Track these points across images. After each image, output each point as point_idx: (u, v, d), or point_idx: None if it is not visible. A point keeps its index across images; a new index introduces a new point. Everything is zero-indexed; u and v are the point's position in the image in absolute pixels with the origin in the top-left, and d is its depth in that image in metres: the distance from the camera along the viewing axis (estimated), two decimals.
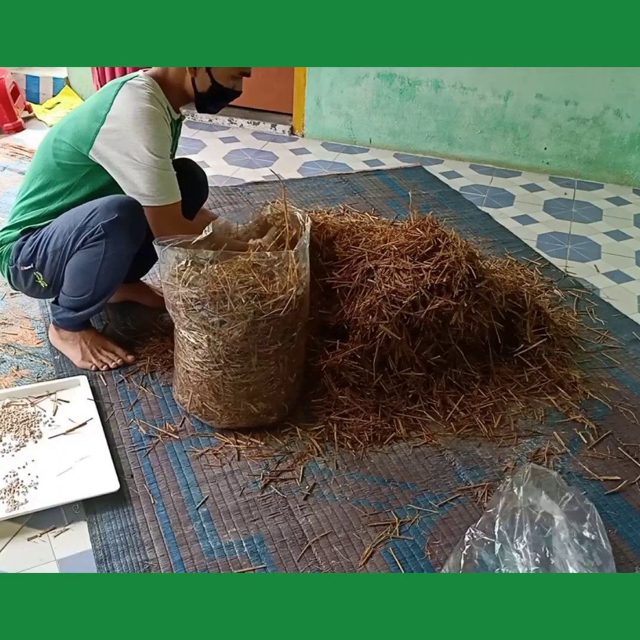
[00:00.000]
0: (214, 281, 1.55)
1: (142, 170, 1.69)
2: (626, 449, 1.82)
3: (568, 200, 3.36)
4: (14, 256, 1.85)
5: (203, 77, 1.79)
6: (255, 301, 1.57)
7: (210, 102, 1.87)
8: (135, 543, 1.48)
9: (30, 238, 1.82)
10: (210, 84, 1.80)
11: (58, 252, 1.77)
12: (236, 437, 1.76)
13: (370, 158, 3.69)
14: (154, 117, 1.71)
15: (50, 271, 1.82)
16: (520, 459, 1.76)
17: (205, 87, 1.81)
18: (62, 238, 1.75)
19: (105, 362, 1.94)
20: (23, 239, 1.83)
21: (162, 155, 1.71)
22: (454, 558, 1.38)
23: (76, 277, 1.79)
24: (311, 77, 3.77)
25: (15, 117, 3.58)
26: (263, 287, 1.58)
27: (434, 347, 1.93)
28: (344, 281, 2.00)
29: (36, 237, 1.81)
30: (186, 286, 1.58)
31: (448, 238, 2.00)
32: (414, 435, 1.81)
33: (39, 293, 1.93)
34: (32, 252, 1.81)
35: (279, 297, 1.58)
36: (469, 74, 3.54)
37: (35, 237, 1.81)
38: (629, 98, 3.35)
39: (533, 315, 2.11)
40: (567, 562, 1.33)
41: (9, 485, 1.57)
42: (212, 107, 1.90)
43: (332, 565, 1.47)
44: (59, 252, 1.77)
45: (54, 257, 1.78)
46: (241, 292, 1.56)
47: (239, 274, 1.58)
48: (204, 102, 1.87)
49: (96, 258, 1.74)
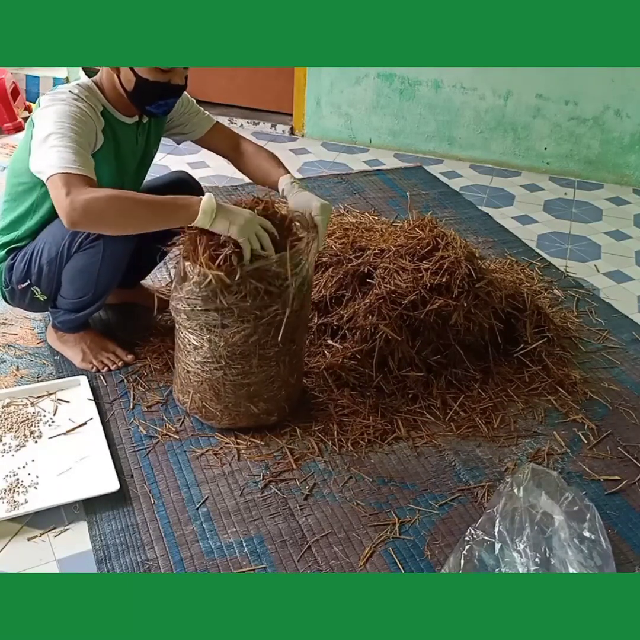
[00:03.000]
0: (219, 285, 1.54)
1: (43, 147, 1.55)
2: (626, 449, 1.82)
3: (568, 200, 3.36)
4: (7, 277, 1.82)
5: (126, 74, 1.63)
6: (258, 306, 1.56)
7: (144, 101, 1.67)
8: (135, 543, 1.48)
9: (20, 255, 1.79)
10: (135, 79, 1.62)
11: (54, 261, 1.74)
12: (236, 437, 1.76)
13: (370, 158, 3.69)
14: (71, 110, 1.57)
15: (48, 282, 1.80)
16: (520, 459, 1.76)
17: (131, 84, 1.64)
18: (56, 246, 1.72)
19: (106, 364, 1.93)
20: (11, 259, 1.80)
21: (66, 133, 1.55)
22: (454, 558, 1.38)
23: (76, 280, 1.77)
24: (311, 77, 3.77)
25: (15, 117, 3.58)
26: (266, 292, 1.57)
27: (434, 347, 1.94)
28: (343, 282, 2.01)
29: (26, 252, 1.78)
30: (190, 290, 1.58)
31: (447, 238, 2.01)
32: (414, 435, 1.81)
33: (39, 307, 1.92)
34: (25, 268, 1.78)
35: (282, 301, 1.57)
36: (469, 74, 3.54)
37: (25, 253, 1.78)
38: (629, 98, 3.35)
39: (533, 315, 2.11)
40: (567, 562, 1.33)
41: (9, 485, 1.57)
42: (153, 107, 1.69)
43: (332, 565, 1.47)
44: (55, 260, 1.74)
45: (50, 267, 1.76)
46: (245, 297, 1.55)
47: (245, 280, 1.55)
48: (138, 102, 1.68)
49: (95, 258, 1.71)
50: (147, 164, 1.94)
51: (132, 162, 1.84)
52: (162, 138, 1.96)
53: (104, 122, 1.70)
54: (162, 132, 1.93)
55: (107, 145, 1.72)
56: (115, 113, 1.73)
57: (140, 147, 1.85)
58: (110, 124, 1.72)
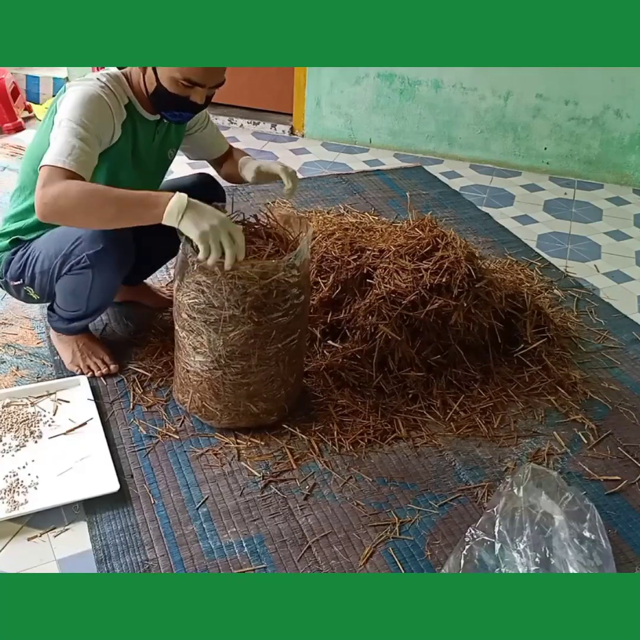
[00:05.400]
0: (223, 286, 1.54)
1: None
2: (626, 449, 1.82)
3: (568, 200, 3.36)
4: (4, 269, 1.83)
5: (150, 76, 1.63)
6: (257, 309, 1.56)
7: (160, 106, 1.68)
8: (135, 543, 1.48)
9: (19, 254, 1.79)
10: (155, 85, 1.63)
11: (45, 274, 1.75)
12: (236, 437, 1.76)
13: (370, 158, 3.69)
14: (92, 99, 1.55)
15: (41, 289, 1.80)
16: (520, 459, 1.76)
17: (152, 87, 1.64)
18: (49, 261, 1.72)
19: (91, 369, 1.92)
20: (12, 253, 1.80)
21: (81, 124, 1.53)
22: (454, 558, 1.38)
23: (67, 298, 1.78)
24: (311, 77, 3.77)
25: (15, 117, 3.58)
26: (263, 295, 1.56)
27: (434, 347, 1.94)
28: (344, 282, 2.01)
29: (24, 253, 1.78)
30: (192, 291, 1.58)
31: (447, 238, 2.01)
32: (414, 435, 1.81)
33: (34, 301, 1.93)
34: (20, 269, 1.79)
35: (280, 303, 1.57)
36: (469, 74, 3.54)
37: (23, 254, 1.78)
38: (629, 98, 3.35)
39: (533, 315, 2.11)
40: (567, 562, 1.33)
41: (9, 486, 1.57)
42: (168, 114, 1.70)
43: (332, 565, 1.47)
44: (46, 274, 1.74)
45: (41, 277, 1.76)
46: (243, 299, 1.55)
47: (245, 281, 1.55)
48: (155, 104, 1.68)
49: (84, 284, 1.71)
50: (164, 165, 1.93)
51: (148, 160, 1.83)
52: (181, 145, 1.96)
53: (126, 115, 1.69)
54: (182, 137, 1.93)
55: (125, 141, 1.71)
56: (139, 107, 1.73)
57: (156, 145, 1.84)
58: (132, 117, 1.71)
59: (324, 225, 2.31)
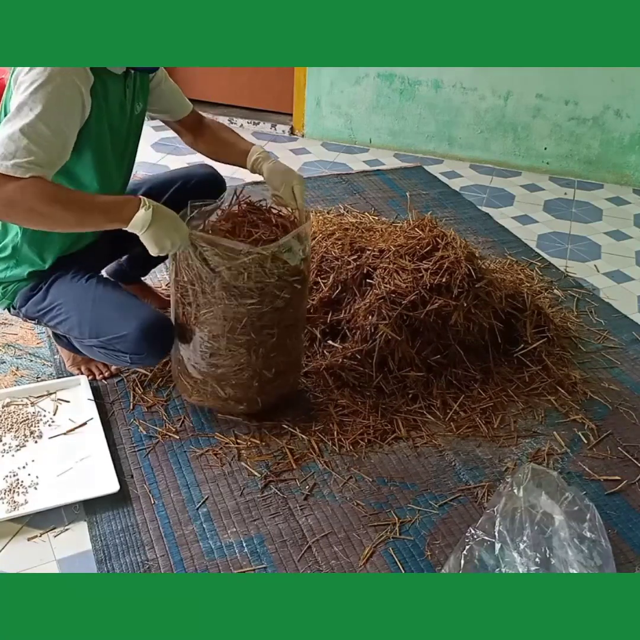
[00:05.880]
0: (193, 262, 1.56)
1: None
2: (626, 449, 1.82)
3: (568, 200, 3.36)
4: (19, 303, 1.74)
5: None
6: (227, 290, 1.56)
7: None
8: (135, 543, 1.48)
9: (40, 295, 1.70)
10: None
11: (72, 337, 1.73)
12: (236, 437, 1.76)
13: (370, 158, 3.69)
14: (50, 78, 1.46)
15: (60, 339, 1.83)
16: (520, 459, 1.76)
17: None
18: (80, 333, 1.67)
19: (92, 372, 1.92)
20: (31, 289, 1.71)
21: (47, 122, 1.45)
22: (454, 558, 1.38)
23: (94, 354, 1.76)
24: (311, 77, 3.77)
25: None
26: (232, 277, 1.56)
27: (434, 347, 1.94)
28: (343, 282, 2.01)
29: (45, 297, 1.70)
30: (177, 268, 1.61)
31: (447, 238, 2.01)
32: (414, 435, 1.81)
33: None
34: (40, 315, 1.72)
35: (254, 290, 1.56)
36: (469, 74, 3.54)
37: (44, 297, 1.70)
38: (629, 98, 3.35)
39: (533, 315, 2.11)
40: (567, 562, 1.33)
41: (9, 486, 1.57)
42: None
43: (332, 565, 1.47)
44: (75, 339, 1.73)
45: (66, 335, 1.76)
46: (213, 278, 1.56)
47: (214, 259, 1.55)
48: None
49: (117, 362, 1.73)
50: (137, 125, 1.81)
51: (122, 119, 1.72)
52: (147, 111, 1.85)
53: (93, 78, 1.58)
54: (147, 92, 1.82)
55: (97, 105, 1.60)
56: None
57: (128, 102, 1.73)
58: (100, 77, 1.60)
59: (324, 225, 2.32)
